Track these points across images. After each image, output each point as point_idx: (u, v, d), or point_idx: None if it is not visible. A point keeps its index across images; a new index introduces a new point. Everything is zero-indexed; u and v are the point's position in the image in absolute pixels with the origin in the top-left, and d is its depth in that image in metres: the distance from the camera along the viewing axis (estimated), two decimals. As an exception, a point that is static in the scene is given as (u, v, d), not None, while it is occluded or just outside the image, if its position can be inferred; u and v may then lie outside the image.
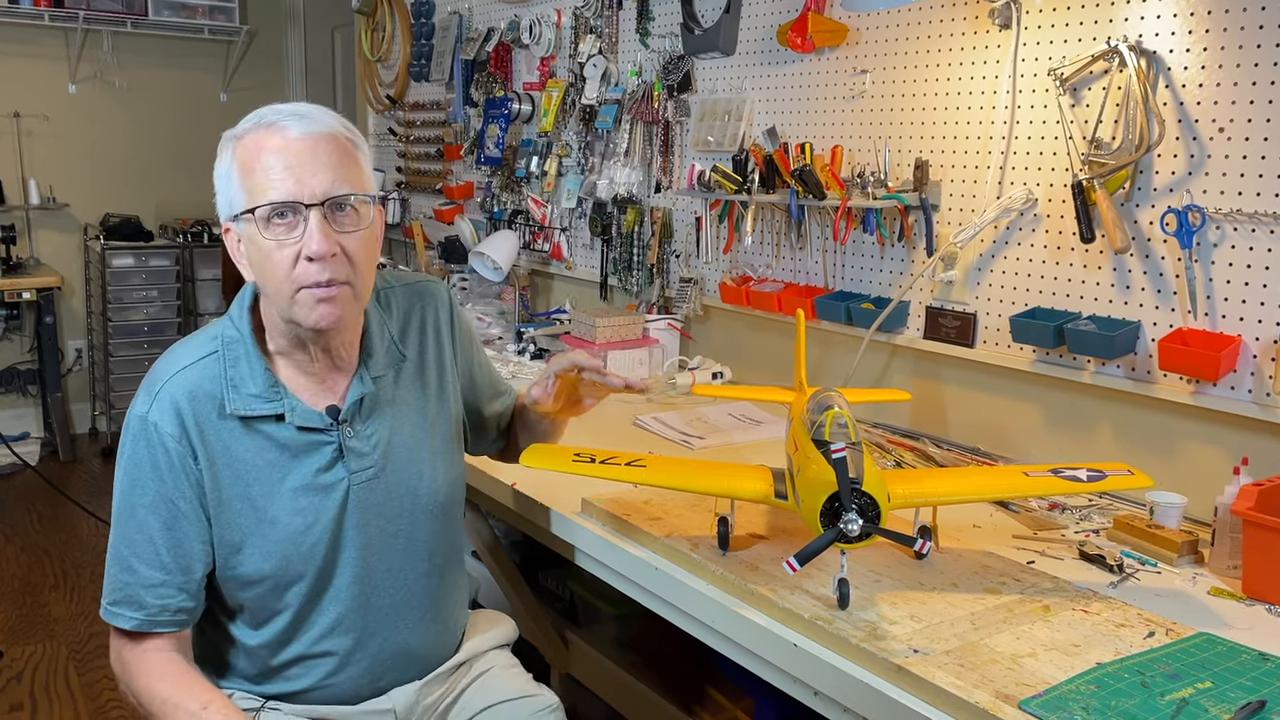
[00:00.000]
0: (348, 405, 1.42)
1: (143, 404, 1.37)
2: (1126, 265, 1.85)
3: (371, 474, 1.44)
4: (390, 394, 1.48)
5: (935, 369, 2.21)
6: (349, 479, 1.42)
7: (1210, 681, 1.17)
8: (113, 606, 1.39)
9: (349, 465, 1.42)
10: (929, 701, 1.15)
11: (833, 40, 2.34)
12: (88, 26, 5.23)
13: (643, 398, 2.50)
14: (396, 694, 1.52)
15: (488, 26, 3.68)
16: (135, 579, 1.37)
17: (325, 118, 1.34)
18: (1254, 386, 1.69)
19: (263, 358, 1.40)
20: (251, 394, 1.38)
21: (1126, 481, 1.48)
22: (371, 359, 1.46)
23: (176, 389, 1.36)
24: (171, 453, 1.35)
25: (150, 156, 5.55)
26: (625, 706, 2.14)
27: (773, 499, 1.46)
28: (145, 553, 1.37)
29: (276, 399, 1.39)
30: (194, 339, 1.44)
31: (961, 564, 1.49)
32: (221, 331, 1.42)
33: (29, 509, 4.44)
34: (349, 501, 1.43)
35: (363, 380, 1.44)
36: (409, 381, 1.51)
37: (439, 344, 1.56)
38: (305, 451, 1.40)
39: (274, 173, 1.29)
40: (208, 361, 1.39)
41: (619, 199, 3.02)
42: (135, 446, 1.37)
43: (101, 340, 5.20)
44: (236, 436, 1.38)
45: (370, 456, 1.44)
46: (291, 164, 1.29)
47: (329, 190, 1.30)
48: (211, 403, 1.37)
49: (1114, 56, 1.80)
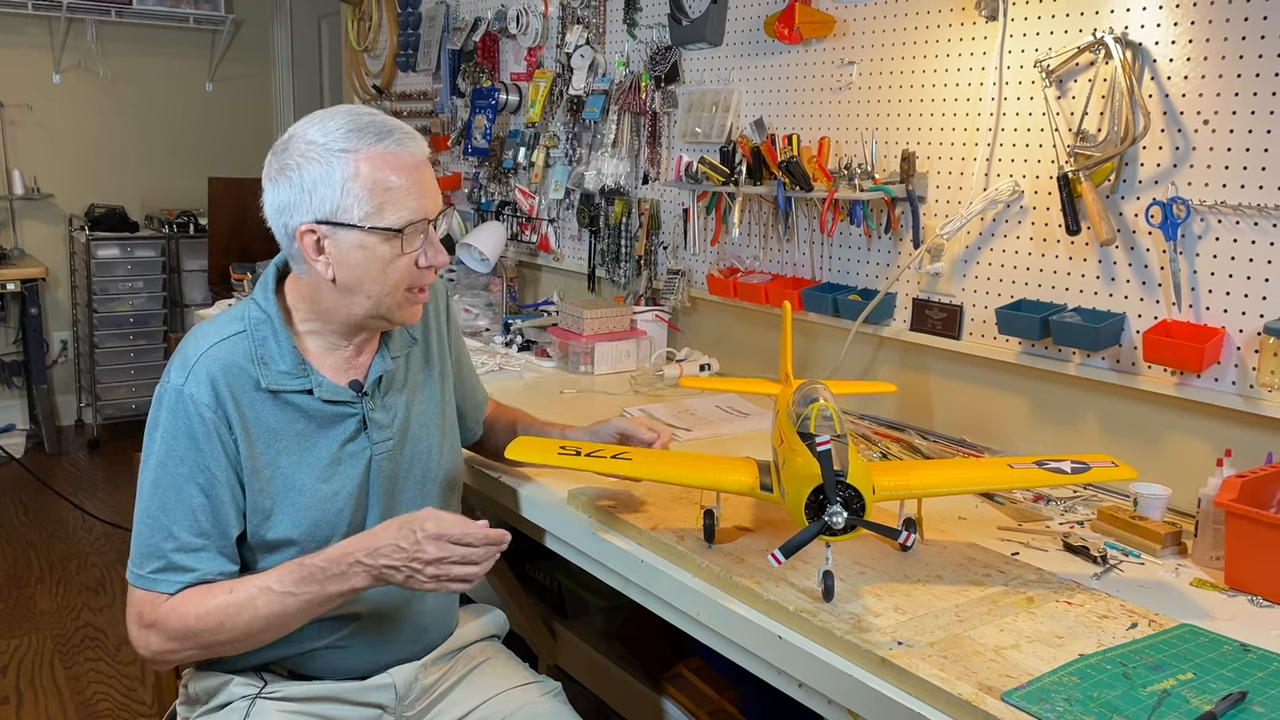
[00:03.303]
0: (370, 380, 1.54)
1: (178, 376, 1.44)
2: (1112, 257, 1.85)
3: (391, 445, 1.56)
4: (405, 373, 1.61)
5: (921, 361, 2.22)
6: (371, 449, 1.54)
7: (1192, 673, 1.17)
8: (154, 574, 1.42)
9: (371, 436, 1.54)
10: (912, 693, 1.16)
11: (820, 31, 2.34)
12: (71, 15, 5.19)
13: (630, 390, 2.50)
14: (397, 671, 1.59)
15: (475, 16, 3.66)
16: (177, 545, 1.42)
17: (416, 136, 1.48)
18: (1238, 378, 1.69)
19: (290, 337, 1.49)
20: (281, 370, 1.48)
21: (1110, 473, 1.48)
22: (392, 340, 1.59)
23: (211, 363, 1.44)
24: (208, 423, 1.43)
25: (135, 146, 5.52)
26: (613, 697, 2.14)
27: (758, 491, 1.46)
28: (185, 520, 1.42)
29: (304, 375, 1.49)
30: (219, 318, 1.52)
31: (946, 556, 1.49)
32: (247, 312, 1.51)
33: (15, 501, 4.43)
34: (371, 469, 1.54)
35: (384, 358, 1.56)
36: (419, 364, 1.65)
37: (440, 331, 1.69)
38: (331, 423, 1.51)
39: (410, 192, 1.43)
40: (238, 339, 1.48)
41: (606, 190, 3.01)
42: (173, 418, 1.43)
43: (87, 331, 5.18)
44: (269, 408, 1.47)
45: (390, 429, 1.56)
46: (422, 184, 1.45)
47: (440, 206, 1.49)
48: (245, 376, 1.46)
49: (1100, 48, 1.81)
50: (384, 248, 1.43)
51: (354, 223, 1.42)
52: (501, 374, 2.65)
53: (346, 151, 1.41)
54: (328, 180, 1.41)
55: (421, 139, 1.48)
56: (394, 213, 1.42)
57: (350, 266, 1.44)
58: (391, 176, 1.42)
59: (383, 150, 1.42)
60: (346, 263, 1.44)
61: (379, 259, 1.44)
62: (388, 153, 1.42)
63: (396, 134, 1.44)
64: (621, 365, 2.68)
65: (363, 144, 1.42)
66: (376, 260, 1.44)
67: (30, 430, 5.22)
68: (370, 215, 1.42)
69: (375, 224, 1.42)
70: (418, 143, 1.46)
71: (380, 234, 1.42)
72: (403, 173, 1.43)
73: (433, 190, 1.47)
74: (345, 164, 1.41)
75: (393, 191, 1.42)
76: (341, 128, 1.42)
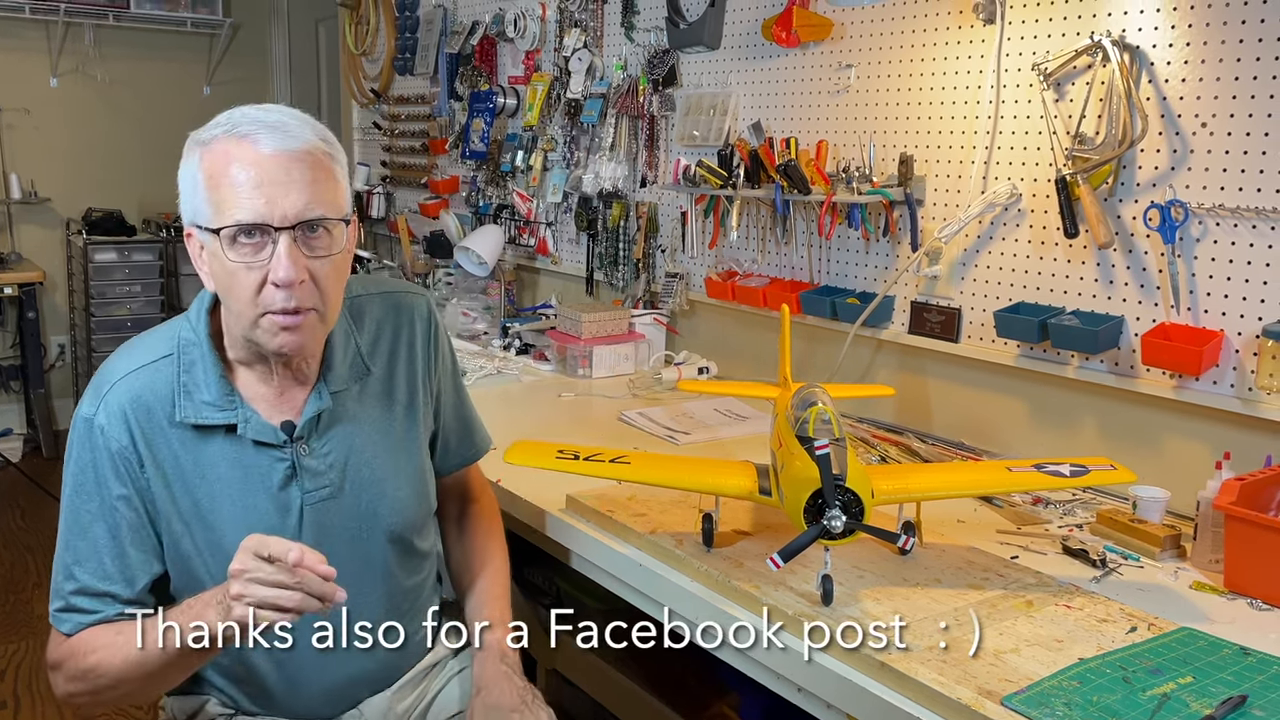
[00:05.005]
0: (303, 422, 1.35)
1: (89, 406, 1.31)
2: (1110, 260, 1.85)
3: (327, 494, 1.37)
4: (351, 410, 1.40)
5: (920, 364, 2.21)
6: (303, 498, 1.35)
7: (1192, 676, 1.17)
8: (57, 613, 1.32)
9: (303, 485, 1.35)
10: (912, 698, 1.15)
11: (818, 34, 2.34)
12: (69, 19, 5.18)
13: (629, 393, 2.49)
14: (367, 705, 1.48)
15: (472, 20, 3.66)
16: (77, 587, 1.30)
17: (302, 130, 1.24)
18: (1236, 381, 1.69)
19: (219, 364, 1.33)
20: (205, 401, 1.31)
21: (1109, 476, 1.48)
22: (331, 373, 1.38)
23: (124, 393, 1.30)
24: (117, 458, 1.29)
25: (133, 150, 5.51)
26: (611, 702, 2.14)
27: (757, 495, 1.46)
28: (90, 560, 1.30)
29: (231, 408, 1.32)
30: (150, 336, 1.37)
31: (945, 559, 1.49)
32: (179, 333, 1.35)
33: (12, 506, 4.42)
34: (303, 522, 1.36)
35: (320, 395, 1.36)
36: (374, 398, 1.43)
37: (411, 360, 1.47)
38: (258, 468, 1.34)
39: (242, 190, 1.21)
40: (161, 364, 1.32)
41: (604, 194, 3.01)
42: (81, 450, 1.31)
43: (84, 336, 5.16)
44: (187, 446, 1.32)
45: (326, 476, 1.37)
46: (262, 182, 1.21)
47: (301, 213, 1.22)
48: (161, 409, 1.30)
49: (1098, 51, 1.80)
50: (226, 256, 1.22)
51: (205, 224, 1.23)
52: (500, 377, 2.65)
53: (196, 145, 1.25)
54: (186, 177, 1.25)
55: (304, 131, 1.24)
56: (228, 213, 1.21)
57: (213, 276, 1.28)
58: (230, 171, 1.21)
59: (229, 143, 1.22)
60: (212, 273, 1.27)
61: (223, 268, 1.23)
62: (232, 145, 1.21)
63: (261, 129, 1.21)
64: (620, 369, 2.67)
65: (213, 136, 1.23)
66: (222, 269, 1.24)
67: (27, 434, 5.20)
68: (213, 216, 1.22)
69: (214, 225, 1.22)
70: (284, 137, 1.22)
71: (215, 236, 1.22)
72: (244, 167, 1.20)
73: (286, 190, 1.21)
74: (194, 159, 1.24)
75: (224, 189, 1.21)
76: (219, 122, 1.24)
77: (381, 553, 1.43)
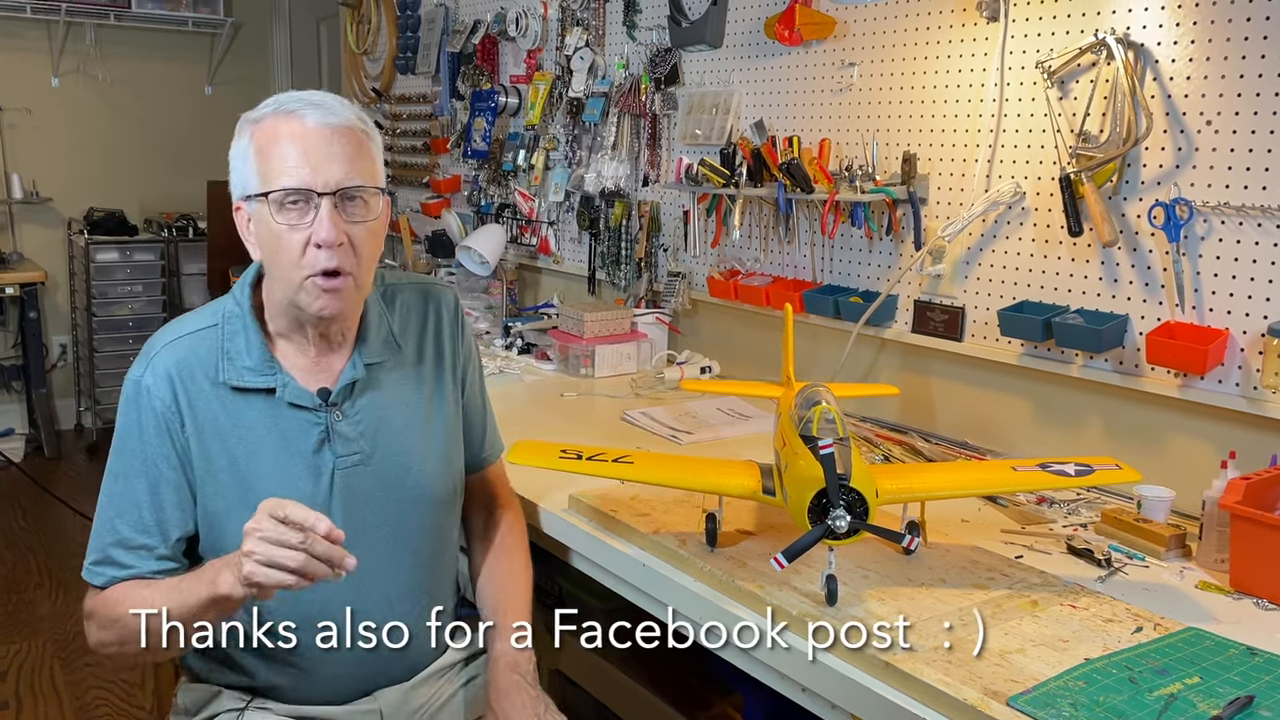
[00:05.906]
0: (339, 388, 1.44)
1: (138, 368, 1.41)
2: (1114, 258, 1.84)
3: (358, 460, 1.45)
4: (383, 382, 1.50)
5: (923, 363, 2.21)
6: (335, 463, 1.43)
7: (1198, 677, 1.17)
8: (94, 566, 1.40)
9: (335, 449, 1.44)
10: (917, 698, 1.15)
11: (820, 33, 2.33)
12: (70, 19, 5.18)
13: (631, 393, 2.49)
14: (383, 695, 1.50)
15: (474, 19, 3.65)
16: (117, 539, 1.39)
17: (341, 109, 1.37)
18: (1241, 380, 1.68)
19: (261, 334, 1.43)
20: (246, 366, 1.41)
21: (1114, 476, 1.48)
22: (366, 345, 1.48)
23: (170, 356, 1.40)
24: (160, 417, 1.39)
25: (134, 150, 5.51)
26: (614, 702, 2.14)
27: (760, 495, 1.45)
28: (130, 514, 1.39)
29: (270, 373, 1.42)
30: (198, 312, 1.48)
31: (950, 559, 1.48)
32: (224, 307, 1.45)
33: (14, 506, 4.42)
34: (335, 486, 1.43)
35: (355, 365, 1.46)
36: (403, 374, 1.52)
37: (439, 344, 1.57)
38: (294, 431, 1.42)
39: (290, 160, 1.33)
40: (206, 333, 1.43)
41: (606, 193, 3.01)
42: (128, 409, 1.40)
43: (86, 335, 5.17)
44: (226, 407, 1.40)
45: (357, 442, 1.45)
46: (308, 152, 1.33)
47: (341, 181, 1.34)
48: (204, 371, 1.40)
49: (1102, 49, 1.80)
50: (272, 221, 1.34)
51: (253, 193, 1.36)
52: (502, 377, 2.64)
53: (248, 123, 1.38)
54: (238, 153, 1.38)
55: (344, 109, 1.38)
56: (276, 180, 1.34)
57: (260, 244, 1.39)
58: (279, 144, 1.34)
59: (277, 120, 1.35)
60: (259, 240, 1.39)
61: (270, 232, 1.35)
62: (280, 121, 1.35)
63: (306, 106, 1.35)
64: (622, 368, 2.67)
65: (264, 115, 1.37)
66: (269, 234, 1.36)
67: (29, 434, 5.20)
68: (263, 184, 1.35)
69: (260, 190, 1.35)
70: (326, 113, 1.35)
71: (264, 202, 1.34)
72: (290, 140, 1.34)
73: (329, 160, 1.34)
74: (246, 136, 1.37)
75: (273, 159, 1.34)
76: (268, 103, 1.38)
77: (409, 521, 1.50)
